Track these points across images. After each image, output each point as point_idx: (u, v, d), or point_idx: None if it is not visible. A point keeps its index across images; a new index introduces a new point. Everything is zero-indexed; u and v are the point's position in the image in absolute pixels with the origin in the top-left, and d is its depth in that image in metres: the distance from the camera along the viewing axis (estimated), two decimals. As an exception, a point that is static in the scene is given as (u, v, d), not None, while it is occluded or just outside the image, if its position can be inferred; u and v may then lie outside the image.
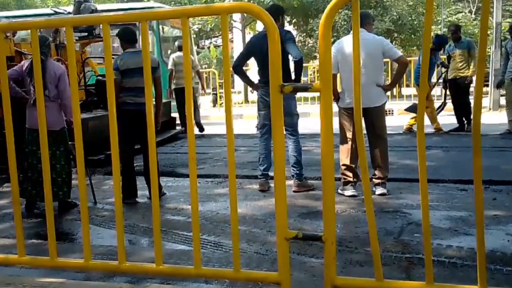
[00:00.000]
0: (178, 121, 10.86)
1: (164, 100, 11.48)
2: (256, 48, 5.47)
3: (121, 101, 4.96)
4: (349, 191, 5.12)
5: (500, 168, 6.00)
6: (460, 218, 4.28)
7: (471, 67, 8.92)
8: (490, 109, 13.95)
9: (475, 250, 2.17)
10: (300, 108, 6.14)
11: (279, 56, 2.18)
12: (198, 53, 34.21)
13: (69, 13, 10.25)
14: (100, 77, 8.09)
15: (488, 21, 2.14)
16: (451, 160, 6.78)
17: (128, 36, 5.33)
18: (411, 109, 9.25)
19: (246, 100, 21.23)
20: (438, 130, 9.34)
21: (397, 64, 5.40)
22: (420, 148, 2.14)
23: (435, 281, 2.26)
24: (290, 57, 5.30)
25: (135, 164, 5.49)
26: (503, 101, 11.45)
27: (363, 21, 5.19)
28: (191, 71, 2.43)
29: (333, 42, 9.50)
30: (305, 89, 2.24)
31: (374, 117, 5.15)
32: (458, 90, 9.19)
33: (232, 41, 29.27)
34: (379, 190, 5.12)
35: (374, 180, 5.17)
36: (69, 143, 5.02)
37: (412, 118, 9.49)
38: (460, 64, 9.05)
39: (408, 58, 7.17)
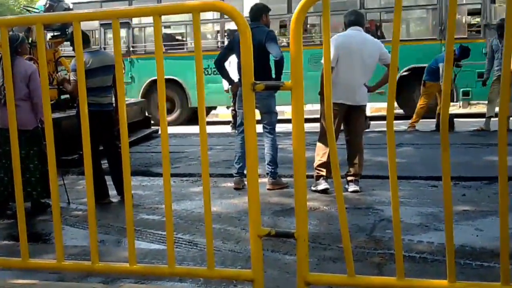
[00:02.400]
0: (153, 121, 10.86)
1: (139, 99, 11.53)
2: (238, 45, 5.48)
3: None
4: (322, 185, 5.16)
5: (470, 164, 6.12)
6: (430, 214, 4.36)
7: None
8: (459, 107, 14.19)
9: (445, 245, 2.22)
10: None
11: (251, 55, 2.20)
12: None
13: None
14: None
15: (455, 22, 2.19)
16: (422, 157, 6.89)
17: (84, 36, 5.26)
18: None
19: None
20: (412, 127, 9.45)
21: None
22: (390, 146, 2.18)
23: (406, 276, 2.31)
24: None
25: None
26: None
27: (361, 21, 5.27)
28: (163, 74, 2.40)
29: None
30: (277, 87, 2.26)
31: (359, 115, 5.24)
32: None
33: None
34: (352, 187, 5.18)
35: (348, 177, 5.22)
36: (43, 143, 4.96)
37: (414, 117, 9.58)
38: None
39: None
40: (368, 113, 13.65)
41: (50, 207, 5.05)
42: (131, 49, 13.20)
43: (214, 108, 14.76)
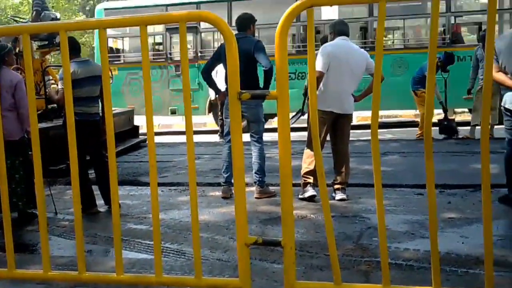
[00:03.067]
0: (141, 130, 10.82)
1: (126, 109, 11.51)
2: (225, 55, 5.50)
3: None
4: (309, 192, 5.19)
5: (456, 172, 6.19)
6: (416, 221, 4.39)
7: None
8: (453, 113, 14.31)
9: (430, 252, 2.25)
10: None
11: (237, 64, 2.23)
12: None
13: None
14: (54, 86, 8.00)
15: (437, 30, 2.23)
16: (408, 165, 6.95)
17: (74, 45, 5.27)
18: (444, 131, 9.38)
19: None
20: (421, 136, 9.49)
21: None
22: (375, 154, 2.22)
23: (392, 283, 2.33)
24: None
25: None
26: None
27: (348, 31, 5.32)
28: (149, 83, 2.41)
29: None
30: (263, 96, 2.29)
31: (346, 123, 5.30)
32: None
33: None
34: (339, 195, 5.21)
35: (334, 185, 5.25)
36: (30, 153, 4.94)
37: (419, 128, 9.56)
38: None
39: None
40: (355, 121, 13.78)
41: (37, 217, 5.02)
42: (199, 54, 12.74)
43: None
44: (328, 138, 5.36)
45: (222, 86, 5.98)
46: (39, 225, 2.64)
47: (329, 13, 11.79)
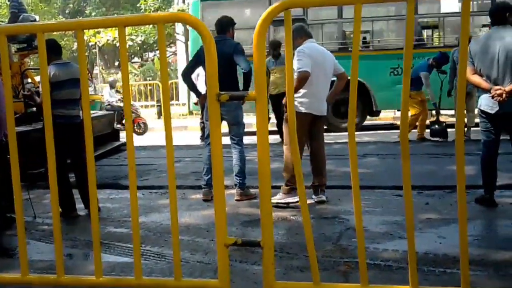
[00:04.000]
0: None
1: (106, 112, 11.43)
2: (204, 58, 5.50)
3: (52, 114, 4.86)
4: (297, 197, 5.19)
5: (433, 174, 6.27)
6: (395, 222, 4.44)
7: None
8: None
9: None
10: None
11: (215, 66, 2.24)
12: (142, 65, 33.98)
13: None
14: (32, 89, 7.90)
15: (413, 31, 2.27)
16: (386, 167, 7.02)
17: (55, 47, 5.23)
18: (435, 134, 9.37)
19: (190, 112, 21.22)
20: (421, 138, 9.48)
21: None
22: (352, 156, 2.24)
23: (370, 283, 2.36)
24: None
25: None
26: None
27: (305, 34, 5.34)
28: (128, 86, 2.43)
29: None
30: (241, 97, 2.31)
31: (322, 125, 5.37)
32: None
33: (175, 54, 29.21)
34: (318, 197, 5.24)
35: (314, 187, 5.28)
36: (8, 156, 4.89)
37: (418, 130, 9.54)
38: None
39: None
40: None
41: (15, 221, 4.96)
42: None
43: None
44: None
45: (203, 89, 5.99)
46: (17, 228, 2.62)
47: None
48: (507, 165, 5.78)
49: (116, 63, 33.49)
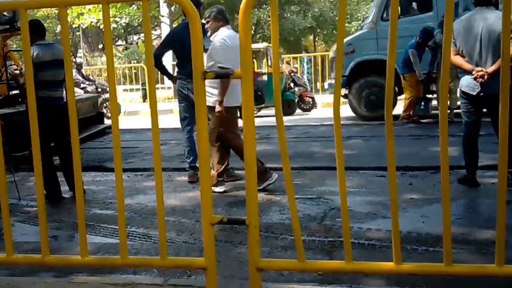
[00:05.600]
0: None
1: (91, 95, 11.34)
2: (177, 39, 5.46)
3: (35, 96, 4.81)
4: (224, 187, 5.21)
5: (417, 155, 6.34)
6: (379, 202, 4.50)
7: None
8: None
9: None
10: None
11: (201, 45, 2.22)
12: (126, 48, 33.63)
13: None
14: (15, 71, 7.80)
15: (396, 17, 2.27)
16: (370, 148, 7.09)
17: (39, 28, 5.17)
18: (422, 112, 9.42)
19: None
20: (405, 118, 9.54)
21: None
22: (337, 136, 2.24)
23: (355, 260, 2.39)
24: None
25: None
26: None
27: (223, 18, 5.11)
28: (112, 64, 2.40)
29: (259, 39, 9.55)
30: (227, 75, 2.30)
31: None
32: None
33: (160, 36, 28.90)
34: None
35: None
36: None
37: (403, 111, 9.63)
38: None
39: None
40: (320, 107, 13.88)
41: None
42: None
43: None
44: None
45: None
46: (1, 209, 2.60)
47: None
48: (489, 146, 5.83)
49: (100, 46, 33.10)
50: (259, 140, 6.73)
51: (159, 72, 6.72)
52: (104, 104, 11.75)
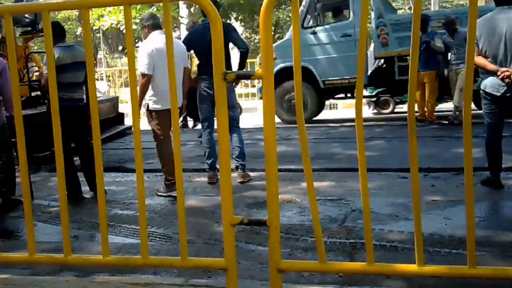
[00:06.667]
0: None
1: (111, 96, 11.42)
2: (197, 40, 5.47)
3: None
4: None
5: (439, 156, 6.25)
6: (400, 204, 4.45)
7: None
8: None
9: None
10: (248, 103, 6.19)
11: (222, 45, 2.22)
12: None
13: None
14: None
15: (419, 17, 2.24)
16: (392, 150, 7.01)
17: (59, 30, 5.21)
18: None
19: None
20: (424, 118, 9.37)
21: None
22: (359, 138, 2.22)
23: (376, 262, 2.35)
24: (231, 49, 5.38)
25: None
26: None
27: (160, 24, 5.18)
28: (134, 65, 2.42)
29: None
30: (248, 76, 2.29)
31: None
32: None
33: (179, 38, 29.03)
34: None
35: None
36: (12, 140, 4.90)
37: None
38: None
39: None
40: (340, 108, 13.78)
41: (21, 203, 4.99)
42: None
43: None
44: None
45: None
46: (24, 211, 2.62)
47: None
48: (513, 147, 5.76)
49: (120, 48, 33.36)
50: (279, 141, 6.70)
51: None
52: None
